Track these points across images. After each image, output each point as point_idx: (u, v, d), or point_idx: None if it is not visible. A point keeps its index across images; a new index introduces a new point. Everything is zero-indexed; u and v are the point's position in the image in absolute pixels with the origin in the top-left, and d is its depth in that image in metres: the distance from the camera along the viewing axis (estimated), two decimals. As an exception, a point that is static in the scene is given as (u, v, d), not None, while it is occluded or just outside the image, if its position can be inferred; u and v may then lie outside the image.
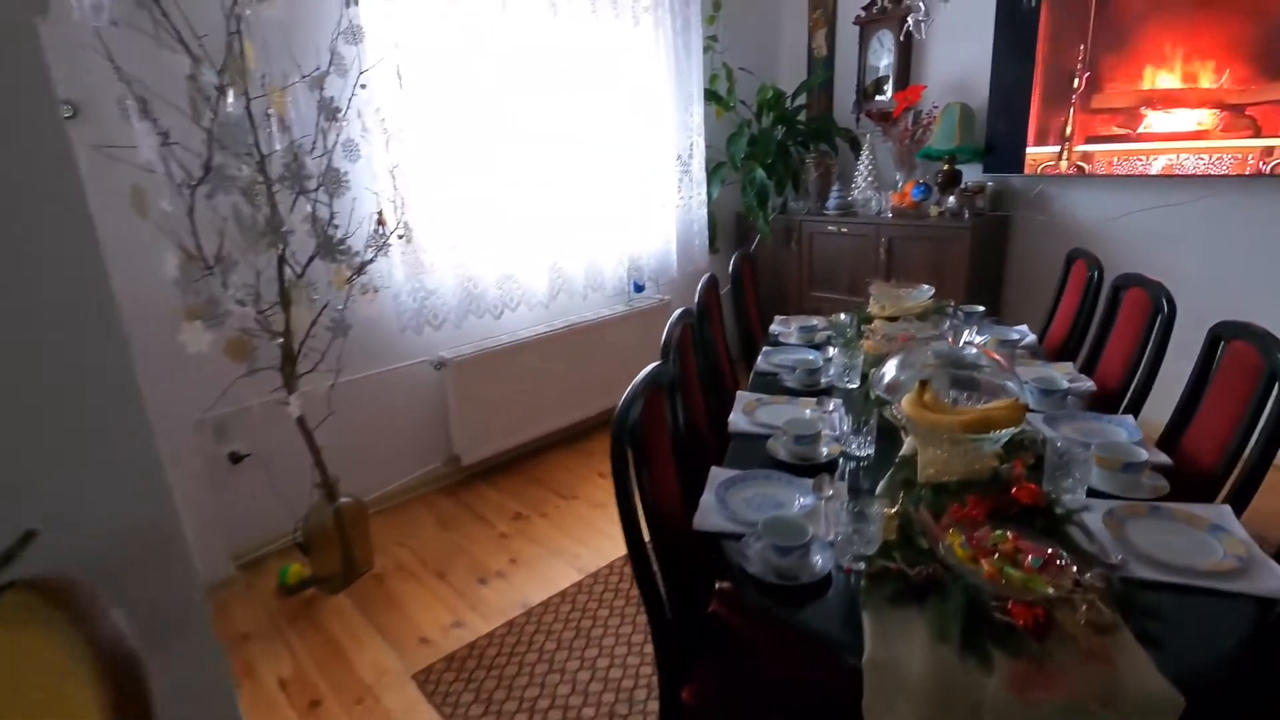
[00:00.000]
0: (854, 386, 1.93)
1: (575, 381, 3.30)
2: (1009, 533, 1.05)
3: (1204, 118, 2.72)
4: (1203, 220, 2.86)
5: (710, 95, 3.67)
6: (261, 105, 1.93)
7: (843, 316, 2.40)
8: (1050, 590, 0.95)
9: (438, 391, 2.96)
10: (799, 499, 1.35)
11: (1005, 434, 1.23)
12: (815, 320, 2.48)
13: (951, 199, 3.26)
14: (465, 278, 2.88)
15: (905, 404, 1.30)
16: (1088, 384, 1.84)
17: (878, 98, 3.71)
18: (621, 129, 3.30)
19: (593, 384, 3.35)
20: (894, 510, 1.20)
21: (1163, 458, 1.41)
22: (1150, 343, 1.83)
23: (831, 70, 3.94)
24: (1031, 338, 2.26)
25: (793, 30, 4.08)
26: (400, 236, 2.38)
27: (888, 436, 1.51)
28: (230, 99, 1.85)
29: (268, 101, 1.95)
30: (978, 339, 2.10)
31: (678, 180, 3.61)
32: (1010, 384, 1.49)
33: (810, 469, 1.48)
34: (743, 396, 1.84)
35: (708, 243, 3.79)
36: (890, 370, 1.57)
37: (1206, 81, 2.69)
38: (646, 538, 1.21)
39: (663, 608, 1.23)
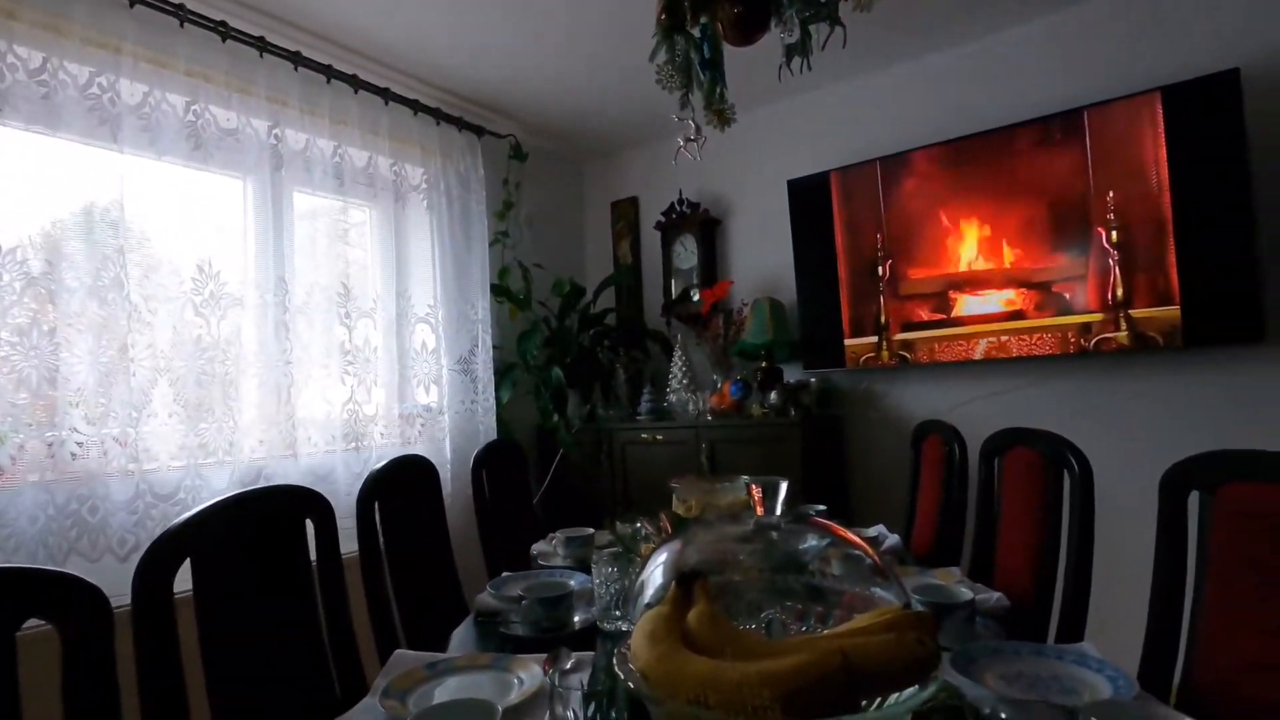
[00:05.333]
0: (628, 629, 1.09)
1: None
2: None
3: (1012, 296, 2.53)
4: (1049, 405, 2.53)
5: (500, 291, 3.18)
6: None
7: (638, 525, 1.63)
8: None
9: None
10: None
11: (901, 708, 0.44)
12: (589, 530, 1.68)
13: (774, 395, 2.80)
14: (75, 495, 1.84)
15: (638, 635, 0.50)
16: (996, 596, 1.14)
17: (690, 298, 3.41)
18: (379, 318, 2.64)
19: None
20: None
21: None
22: (1067, 525, 1.20)
23: (639, 276, 3.67)
24: (893, 539, 1.59)
25: (597, 238, 3.87)
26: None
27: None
28: None
29: None
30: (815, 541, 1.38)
31: (459, 382, 2.92)
32: (883, 592, 0.75)
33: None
34: (401, 661, 0.93)
35: (497, 458, 3.00)
36: (655, 577, 0.78)
37: (1005, 261, 2.54)
38: None
39: None
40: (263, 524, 0.94)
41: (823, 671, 0.43)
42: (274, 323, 2.26)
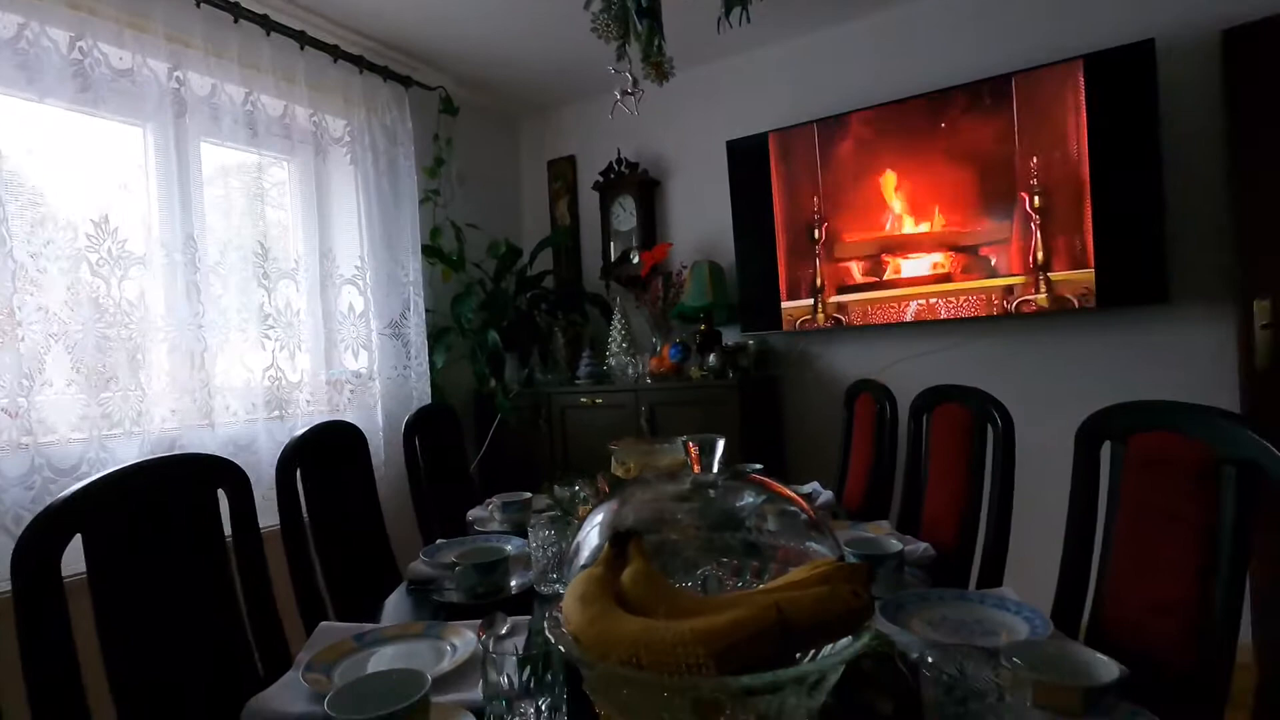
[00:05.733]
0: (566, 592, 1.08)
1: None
2: None
3: (941, 260, 2.59)
4: (974, 364, 2.63)
5: (432, 251, 3.06)
6: None
7: (577, 488, 1.62)
8: None
9: None
10: None
11: (835, 658, 0.44)
12: (527, 495, 1.66)
13: (712, 357, 2.81)
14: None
15: (570, 598, 0.48)
16: (923, 546, 1.18)
17: (629, 260, 3.37)
18: (301, 279, 2.50)
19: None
20: None
21: (1117, 668, 0.70)
22: (989, 477, 1.25)
23: (577, 238, 3.60)
24: (827, 495, 1.63)
25: (534, 198, 3.76)
26: None
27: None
28: None
29: None
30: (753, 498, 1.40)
31: (390, 347, 2.81)
32: (818, 546, 0.76)
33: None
34: (328, 633, 0.89)
35: (432, 425, 2.92)
36: (591, 538, 0.76)
37: (935, 225, 2.60)
38: None
39: None
40: (167, 494, 0.87)
41: (758, 627, 0.42)
42: (184, 283, 2.11)
